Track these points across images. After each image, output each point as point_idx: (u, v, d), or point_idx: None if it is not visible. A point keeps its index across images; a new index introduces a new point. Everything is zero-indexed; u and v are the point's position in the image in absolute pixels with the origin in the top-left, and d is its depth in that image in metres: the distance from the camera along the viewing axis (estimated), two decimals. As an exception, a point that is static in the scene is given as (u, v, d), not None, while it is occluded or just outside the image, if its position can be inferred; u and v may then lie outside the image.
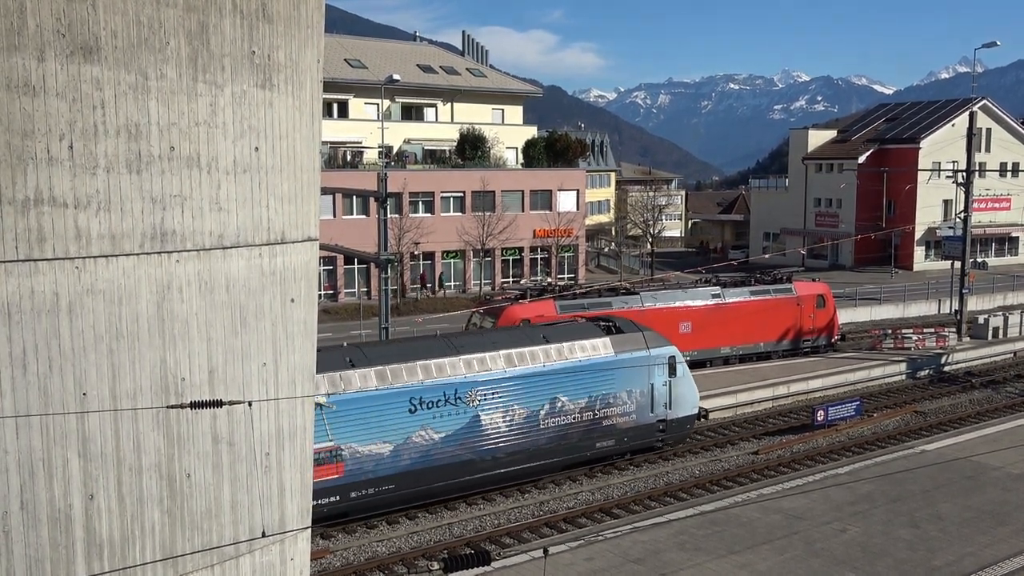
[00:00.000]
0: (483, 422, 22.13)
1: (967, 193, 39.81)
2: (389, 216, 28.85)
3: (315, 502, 19.66)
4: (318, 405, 19.25)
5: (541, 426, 23.09)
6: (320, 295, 48.64)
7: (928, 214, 70.25)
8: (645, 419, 25.12)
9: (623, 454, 25.35)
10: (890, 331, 40.86)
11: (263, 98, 7.52)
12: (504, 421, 22.48)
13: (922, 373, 37.14)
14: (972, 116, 41.43)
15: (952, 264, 47.31)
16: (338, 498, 20.22)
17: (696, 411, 26.71)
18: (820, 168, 78.11)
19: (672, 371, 25.50)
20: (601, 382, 24.01)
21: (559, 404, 23.35)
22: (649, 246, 76.37)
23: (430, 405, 21.30)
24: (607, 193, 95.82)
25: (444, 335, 24.70)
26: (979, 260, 53.68)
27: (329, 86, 54.64)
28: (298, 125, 7.87)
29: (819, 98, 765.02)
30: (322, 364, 19.86)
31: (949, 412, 31.15)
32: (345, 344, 23.15)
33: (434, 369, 21.58)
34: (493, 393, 22.25)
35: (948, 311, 49.58)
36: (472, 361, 22.19)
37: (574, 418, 23.65)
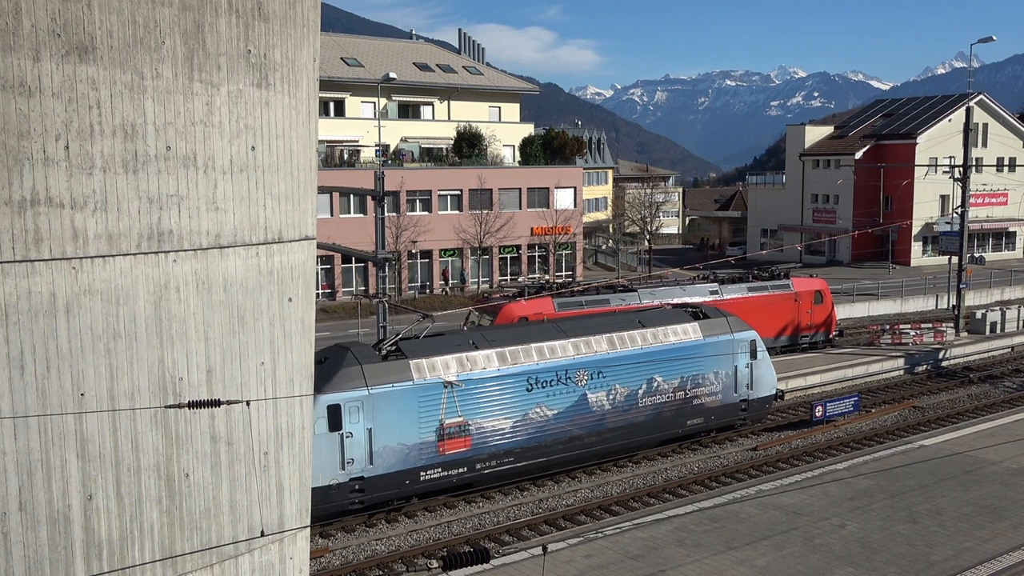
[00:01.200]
0: (589, 400, 23.78)
1: (964, 188, 39.83)
2: (386, 215, 28.83)
3: (446, 473, 20.87)
4: (448, 383, 21.37)
5: (639, 404, 24.79)
6: (318, 294, 48.68)
7: (925, 209, 70.30)
8: (730, 399, 26.86)
9: (709, 431, 27.00)
10: (888, 326, 40.91)
11: (259, 97, 7.51)
12: (608, 399, 24.14)
13: (920, 368, 37.17)
14: (969, 111, 41.41)
15: (949, 259, 47.36)
16: (465, 469, 21.88)
17: (774, 392, 28.39)
18: (817, 164, 78.14)
19: (753, 354, 27.26)
20: (691, 364, 25.72)
21: (655, 384, 25.04)
22: (647, 243, 76.38)
23: (544, 384, 22.96)
24: (604, 190, 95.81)
25: (552, 320, 26.68)
26: (976, 255, 53.69)
27: (325, 85, 54.62)
28: (294, 124, 7.87)
29: (816, 94, 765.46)
30: (449, 346, 22.19)
31: (947, 407, 31.18)
32: (465, 328, 25.22)
33: (547, 351, 23.23)
34: (598, 373, 23.87)
35: (946, 306, 49.66)
36: (579, 344, 23.87)
37: (668, 397, 25.38)
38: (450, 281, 56.64)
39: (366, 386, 20.39)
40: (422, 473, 21.25)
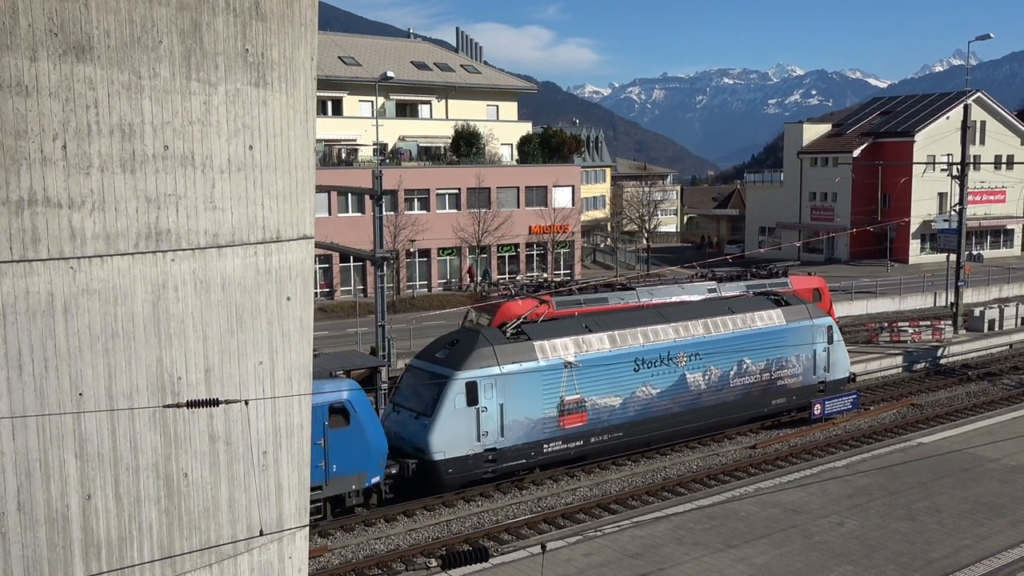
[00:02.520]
0: (688, 380, 25.56)
1: (962, 186, 39.84)
2: (384, 214, 28.82)
3: (565, 445, 22.47)
4: (568, 363, 23.14)
5: (731, 384, 26.56)
6: (316, 293, 48.66)
7: (923, 207, 70.31)
8: (809, 381, 28.56)
9: (790, 411, 28.67)
10: (886, 324, 40.92)
11: (257, 96, 7.50)
12: (704, 379, 25.91)
13: (918, 366, 37.18)
14: (966, 109, 41.41)
15: (947, 257, 47.37)
16: (582, 443, 23.66)
17: (848, 375, 30.20)
18: (815, 162, 78.16)
19: (830, 339, 28.89)
20: (776, 347, 27.46)
21: (744, 366, 26.82)
22: (645, 241, 76.38)
23: (649, 365, 24.77)
24: (602, 189, 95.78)
25: (657, 306, 28.71)
26: (974, 252, 53.71)
27: (323, 84, 54.54)
28: (292, 123, 7.86)
29: (813, 92, 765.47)
30: (565, 330, 24.00)
31: (946, 405, 31.19)
32: (576, 313, 27.33)
33: (651, 334, 25.06)
34: (695, 355, 25.69)
35: (944, 304, 49.67)
36: (679, 328, 25.69)
37: (755, 378, 27.15)
38: (476, 278, 56.67)
39: (498, 365, 22.22)
40: (545, 445, 23.05)
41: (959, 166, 39.94)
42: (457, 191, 57.37)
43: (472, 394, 21.75)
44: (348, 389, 20.50)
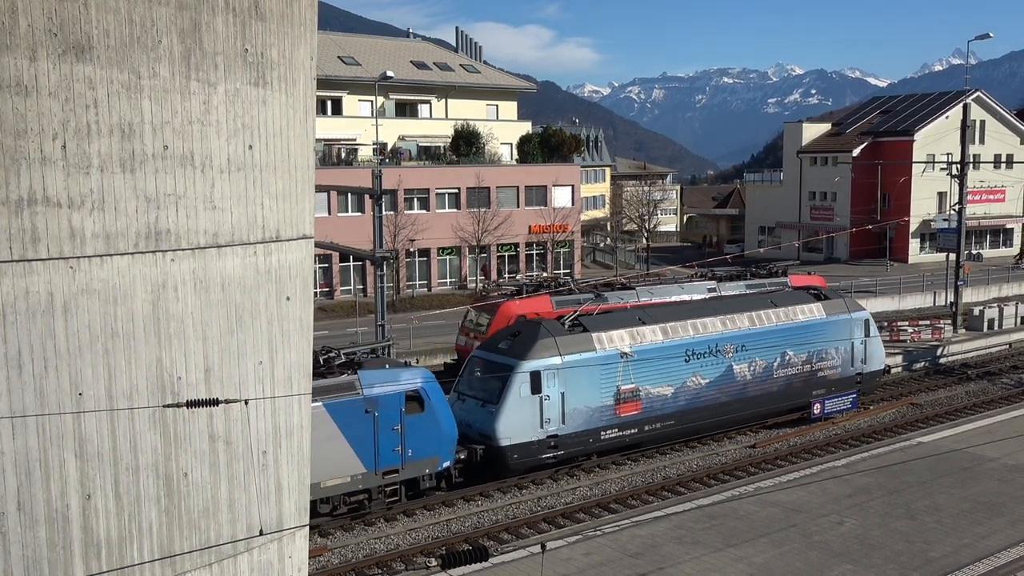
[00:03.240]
0: (735, 371, 26.62)
1: (961, 185, 39.84)
2: (384, 213, 28.82)
3: (621, 433, 23.45)
4: (624, 354, 24.03)
5: (774, 375, 27.63)
6: (316, 293, 48.65)
7: (923, 206, 70.32)
8: (847, 372, 29.54)
9: None
10: (886, 324, 40.92)
11: (256, 96, 7.50)
12: (749, 370, 26.96)
13: (918, 365, 37.18)
14: (966, 108, 41.41)
15: (947, 256, 47.36)
16: (636, 430, 24.71)
17: (883, 367, 31.25)
18: (815, 161, 78.16)
19: (867, 332, 29.85)
20: (816, 340, 28.55)
21: (787, 357, 27.87)
22: (645, 241, 76.37)
23: (699, 356, 25.80)
24: (602, 188, 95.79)
25: (704, 300, 30.50)
26: (974, 252, 53.75)
27: (323, 83, 54.53)
28: (292, 123, 7.86)
29: (813, 91, 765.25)
30: (620, 322, 25.12)
31: (945, 404, 31.20)
32: (630, 306, 28.67)
33: (700, 326, 26.10)
34: (742, 347, 26.74)
35: (943, 303, 49.65)
36: (726, 320, 26.76)
37: (797, 369, 28.18)
38: (491, 276, 56.59)
39: (559, 355, 23.19)
40: (603, 433, 24.03)
41: (958, 165, 39.95)
42: (457, 191, 57.36)
43: (536, 383, 22.72)
44: (423, 378, 21.34)
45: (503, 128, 66.27)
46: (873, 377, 30.62)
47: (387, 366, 21.48)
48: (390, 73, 56.39)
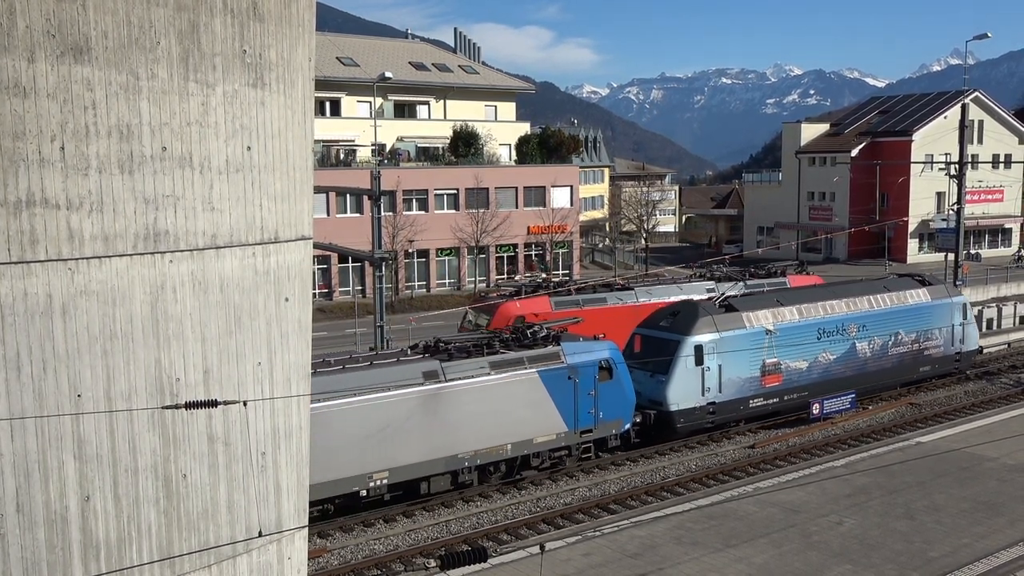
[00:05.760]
0: (857, 348, 29.73)
1: (960, 185, 39.88)
2: (383, 214, 28.82)
3: (765, 401, 28.77)
4: (768, 331, 27.23)
5: (889, 353, 30.75)
6: (315, 294, 48.64)
7: (921, 206, 70.35)
8: (948, 351, 32.87)
9: (933, 378, 33.08)
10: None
11: (255, 97, 7.50)
12: (868, 348, 30.07)
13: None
14: (964, 108, 41.49)
15: (946, 256, 47.39)
16: (777, 400, 27.89)
17: (977, 347, 34.50)
18: (813, 162, 78.19)
19: (964, 315, 33.01)
20: (923, 321, 31.65)
21: (899, 336, 30.96)
22: (643, 241, 76.37)
23: (828, 334, 28.88)
24: (601, 189, 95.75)
25: (829, 284, 33.84)
26: (972, 252, 53.77)
27: (321, 84, 54.55)
28: (290, 124, 7.86)
29: (811, 91, 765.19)
30: (763, 302, 28.30)
31: (944, 404, 31.20)
32: (766, 289, 31.81)
33: (828, 308, 29.18)
34: (863, 326, 29.83)
35: (942, 303, 49.55)
36: (850, 302, 29.86)
37: (907, 348, 31.31)
38: (537, 271, 56.54)
39: (717, 331, 26.32)
40: (750, 401, 27.28)
41: (957, 165, 39.97)
42: (455, 191, 57.36)
43: (699, 355, 25.88)
44: (610, 349, 24.25)
45: (502, 129, 66.27)
46: (970, 356, 33.89)
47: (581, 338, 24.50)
48: (389, 74, 56.41)
